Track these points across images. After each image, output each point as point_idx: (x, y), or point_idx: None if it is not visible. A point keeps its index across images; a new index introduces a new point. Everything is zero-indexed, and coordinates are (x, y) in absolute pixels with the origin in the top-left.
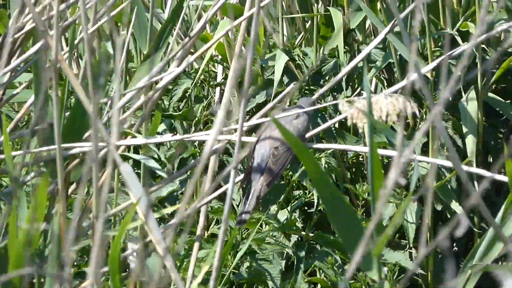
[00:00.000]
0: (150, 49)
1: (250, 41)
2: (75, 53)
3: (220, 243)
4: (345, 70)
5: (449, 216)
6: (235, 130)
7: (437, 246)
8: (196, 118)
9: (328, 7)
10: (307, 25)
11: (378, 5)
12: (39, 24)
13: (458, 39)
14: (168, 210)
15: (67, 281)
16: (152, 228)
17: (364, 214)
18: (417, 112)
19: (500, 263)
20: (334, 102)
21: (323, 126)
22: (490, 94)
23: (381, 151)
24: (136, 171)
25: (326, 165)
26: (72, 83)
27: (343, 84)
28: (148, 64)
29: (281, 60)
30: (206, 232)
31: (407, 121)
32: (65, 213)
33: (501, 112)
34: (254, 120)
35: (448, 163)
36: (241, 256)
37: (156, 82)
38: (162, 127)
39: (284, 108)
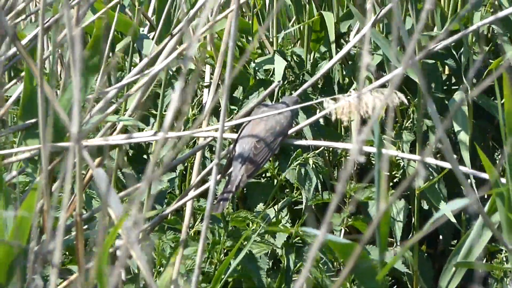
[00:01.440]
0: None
1: (231, 33)
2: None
3: (202, 239)
4: (326, 67)
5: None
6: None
7: (422, 244)
8: (185, 118)
9: (321, 12)
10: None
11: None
12: (8, 30)
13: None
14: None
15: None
16: (125, 230)
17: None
18: (406, 101)
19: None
20: (318, 100)
21: (306, 122)
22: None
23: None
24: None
25: (313, 165)
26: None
27: (335, 86)
28: None
29: (280, 64)
30: (191, 229)
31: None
32: (49, 210)
33: (489, 111)
34: (238, 118)
35: (434, 161)
36: (227, 253)
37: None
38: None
39: (267, 105)
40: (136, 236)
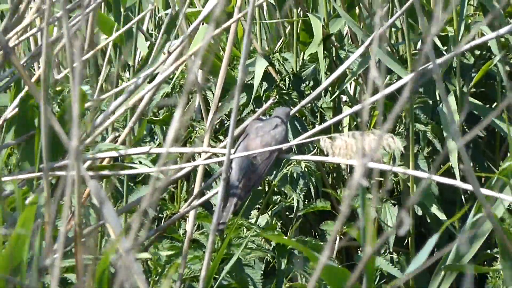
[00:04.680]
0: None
1: (243, 49)
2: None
3: (208, 254)
4: (326, 82)
5: (429, 221)
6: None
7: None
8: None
9: (307, 13)
10: (287, 30)
11: (357, 10)
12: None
13: (438, 43)
14: None
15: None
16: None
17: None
18: (403, 149)
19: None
20: (315, 138)
21: (303, 136)
22: (470, 98)
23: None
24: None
25: (306, 169)
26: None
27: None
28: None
29: (261, 65)
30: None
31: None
32: (51, 222)
33: (480, 116)
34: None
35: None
36: (223, 261)
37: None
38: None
39: (262, 119)
40: (134, 252)
